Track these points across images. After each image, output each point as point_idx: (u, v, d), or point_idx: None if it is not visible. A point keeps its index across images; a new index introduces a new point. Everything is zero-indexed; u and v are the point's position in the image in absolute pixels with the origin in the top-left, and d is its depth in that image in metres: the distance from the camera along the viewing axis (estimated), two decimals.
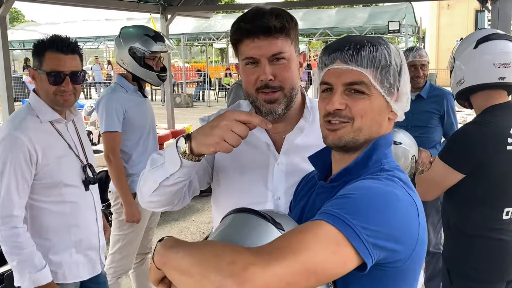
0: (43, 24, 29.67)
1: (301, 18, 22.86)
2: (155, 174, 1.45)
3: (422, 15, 26.46)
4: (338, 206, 1.08)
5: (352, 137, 1.24)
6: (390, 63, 1.24)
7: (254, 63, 1.54)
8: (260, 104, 1.57)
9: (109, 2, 8.74)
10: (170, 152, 1.41)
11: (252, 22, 1.51)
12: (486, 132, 2.22)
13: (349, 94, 1.23)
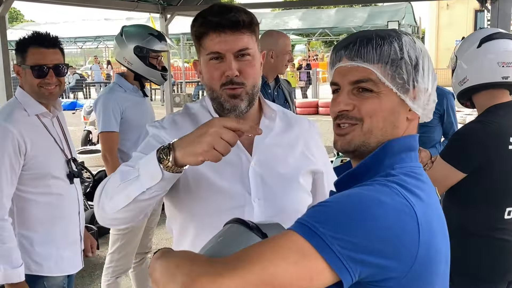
0: (43, 24, 29.65)
1: (301, 18, 22.87)
2: (128, 188, 1.32)
3: (421, 15, 26.48)
4: (310, 214, 0.98)
5: (363, 141, 1.13)
6: (401, 57, 1.12)
7: (218, 58, 1.49)
8: (225, 100, 1.52)
9: (108, 2, 8.73)
10: (147, 163, 1.30)
11: (221, 16, 1.46)
12: (488, 131, 2.21)
13: (356, 93, 1.14)
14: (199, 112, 1.63)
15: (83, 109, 10.85)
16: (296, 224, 0.97)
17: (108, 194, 1.37)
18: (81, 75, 23.98)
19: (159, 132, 1.57)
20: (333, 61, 1.19)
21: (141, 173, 1.30)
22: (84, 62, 35.11)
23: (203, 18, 1.50)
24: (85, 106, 10.87)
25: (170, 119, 1.62)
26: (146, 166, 1.30)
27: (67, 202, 2.60)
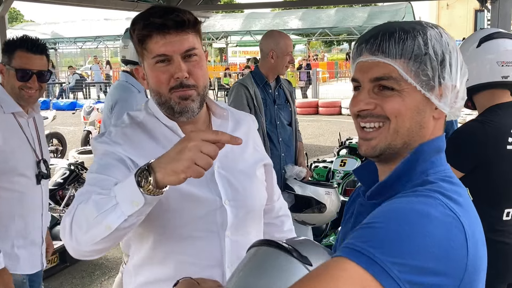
0: (42, 24, 29.68)
1: (300, 18, 22.87)
2: (107, 218, 1.21)
3: (421, 14, 26.50)
4: (361, 238, 0.90)
5: (388, 143, 1.06)
6: (426, 52, 1.04)
7: (165, 61, 1.44)
8: (174, 103, 1.46)
9: (108, 2, 8.73)
10: (125, 189, 1.21)
11: (164, 16, 1.41)
12: (486, 131, 2.19)
13: (377, 92, 1.06)
14: (147, 121, 1.55)
15: (83, 109, 10.83)
16: (347, 250, 0.89)
17: (82, 227, 1.26)
18: (80, 75, 23.96)
19: (114, 148, 1.46)
20: (354, 56, 1.11)
21: (119, 201, 1.21)
22: (83, 62, 35.10)
23: (145, 20, 1.43)
24: (85, 106, 10.86)
25: (119, 133, 1.51)
26: (125, 192, 1.21)
27: (29, 202, 2.60)
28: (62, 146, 9.94)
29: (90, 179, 1.41)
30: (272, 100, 3.68)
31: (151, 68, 1.46)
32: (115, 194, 1.22)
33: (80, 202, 1.29)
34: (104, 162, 1.44)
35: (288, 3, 12.85)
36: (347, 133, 10.03)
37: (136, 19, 1.46)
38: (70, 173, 6.21)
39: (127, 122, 1.55)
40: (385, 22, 1.17)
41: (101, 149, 1.48)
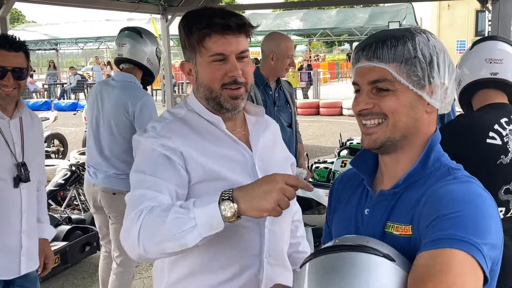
0: (44, 25, 29.69)
1: (302, 19, 22.87)
2: (185, 238, 1.30)
3: (422, 15, 26.45)
4: (455, 228, 1.03)
5: (388, 137, 1.21)
6: (415, 56, 1.18)
7: (221, 60, 1.53)
8: (225, 100, 1.56)
9: (109, 3, 8.73)
10: (207, 214, 1.30)
11: (226, 17, 1.51)
12: (467, 122, 2.24)
13: (375, 93, 1.20)
14: (189, 117, 1.62)
15: (84, 110, 10.84)
16: (462, 243, 1.01)
17: (153, 238, 1.33)
18: (82, 76, 23.99)
19: (163, 141, 1.52)
20: (353, 62, 1.26)
21: (198, 223, 1.30)
22: (85, 63, 35.14)
23: (209, 19, 1.51)
24: (86, 107, 10.86)
25: (165, 127, 1.57)
26: (205, 217, 1.30)
27: (5, 205, 2.52)
28: (63, 147, 9.95)
29: (142, 181, 1.46)
30: (272, 102, 3.68)
31: (206, 65, 1.55)
32: (195, 216, 1.30)
33: (142, 211, 1.36)
34: (153, 162, 1.49)
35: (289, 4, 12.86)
36: (348, 133, 10.04)
37: (198, 18, 1.54)
38: (71, 174, 6.22)
39: (170, 118, 1.62)
40: (380, 30, 1.32)
41: (148, 144, 1.52)
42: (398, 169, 1.25)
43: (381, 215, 1.22)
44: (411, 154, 1.23)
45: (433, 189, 1.15)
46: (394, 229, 1.19)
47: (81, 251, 5.10)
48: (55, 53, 32.07)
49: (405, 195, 1.21)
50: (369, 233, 1.21)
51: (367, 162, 1.34)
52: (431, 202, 1.12)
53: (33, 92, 22.50)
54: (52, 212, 5.79)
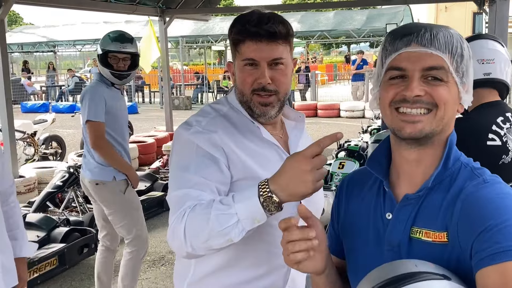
0: (42, 27, 29.63)
1: (299, 21, 22.88)
2: (230, 234, 1.33)
3: (420, 17, 26.53)
4: (507, 240, 1.03)
5: (433, 129, 1.15)
6: (463, 51, 1.16)
7: (253, 65, 1.55)
8: (254, 106, 1.59)
9: (107, 5, 8.74)
10: (249, 209, 1.32)
11: (259, 26, 1.52)
12: (464, 126, 2.22)
13: (426, 81, 1.14)
14: (231, 114, 1.64)
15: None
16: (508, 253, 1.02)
17: (200, 237, 1.37)
18: (80, 78, 23.97)
19: (210, 136, 1.54)
20: (397, 47, 1.16)
21: (241, 218, 1.32)
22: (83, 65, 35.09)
23: (241, 25, 1.54)
24: None
25: (211, 122, 1.59)
26: (247, 212, 1.32)
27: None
28: (61, 149, 9.94)
29: (185, 179, 1.49)
30: None
31: (240, 69, 1.58)
32: (236, 211, 1.33)
33: (186, 210, 1.39)
34: (197, 160, 1.51)
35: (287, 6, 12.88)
36: (346, 135, 10.04)
37: (235, 21, 1.58)
38: (69, 176, 6.22)
39: (214, 114, 1.64)
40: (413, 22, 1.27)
41: (194, 140, 1.53)
42: (418, 169, 1.20)
43: (406, 219, 1.17)
44: (435, 152, 1.19)
45: (467, 194, 1.11)
46: (422, 235, 1.14)
47: (79, 253, 5.10)
48: (53, 55, 32.04)
49: (429, 198, 1.16)
50: (394, 238, 1.18)
51: (382, 163, 1.27)
52: (472, 210, 1.09)
53: (31, 94, 22.47)
54: (50, 214, 5.79)
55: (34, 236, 4.96)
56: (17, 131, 8.25)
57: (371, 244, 1.23)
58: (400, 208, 1.19)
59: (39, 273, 4.62)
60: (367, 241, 1.25)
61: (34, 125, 9.63)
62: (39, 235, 4.99)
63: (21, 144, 8.92)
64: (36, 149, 9.28)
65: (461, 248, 1.08)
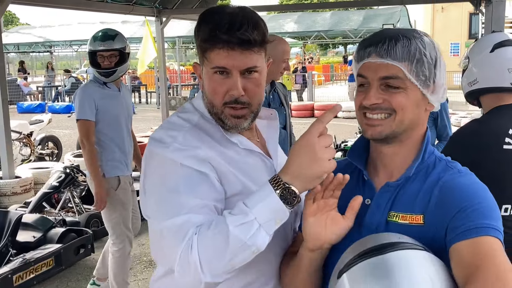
0: (38, 27, 29.59)
1: (296, 21, 22.91)
2: (256, 243, 1.21)
3: (416, 18, 26.53)
4: (488, 217, 1.18)
5: (393, 130, 1.27)
6: (425, 56, 1.25)
7: (224, 73, 1.38)
8: (226, 118, 1.42)
9: (104, 5, 8.73)
10: (268, 209, 1.22)
11: (230, 33, 1.33)
12: (482, 129, 2.28)
13: (384, 88, 1.26)
14: (203, 125, 1.46)
15: None
16: (489, 230, 1.16)
17: (221, 258, 1.22)
18: (76, 78, 23.91)
19: (194, 152, 1.36)
20: (361, 57, 1.30)
21: (261, 222, 1.21)
22: (79, 65, 35.04)
23: (211, 31, 1.35)
24: None
25: (189, 136, 1.39)
26: (268, 213, 1.22)
27: None
28: (57, 149, 9.92)
29: (179, 204, 1.30)
30: (267, 104, 3.68)
31: (209, 77, 1.41)
32: (255, 216, 1.21)
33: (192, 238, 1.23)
34: (186, 180, 1.32)
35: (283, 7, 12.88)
36: (343, 136, 10.05)
37: (202, 24, 1.39)
38: (66, 176, 6.20)
39: (187, 126, 1.44)
40: (385, 28, 1.37)
41: (175, 159, 1.34)
42: (395, 161, 1.33)
43: (384, 205, 1.30)
44: (409, 148, 1.32)
45: (444, 181, 1.26)
46: (399, 218, 1.27)
47: (75, 254, 5.09)
48: (49, 55, 31.98)
49: (406, 186, 1.29)
50: (374, 222, 1.29)
51: (361, 154, 1.39)
52: (449, 194, 1.23)
53: (27, 94, 22.42)
54: (46, 215, 5.77)
55: (30, 236, 4.96)
56: (13, 131, 8.23)
57: (352, 228, 1.31)
58: (379, 194, 1.32)
59: (35, 274, 4.60)
60: None
61: (30, 126, 9.60)
62: (35, 235, 4.98)
63: (17, 145, 8.90)
64: (32, 149, 9.26)
65: (437, 229, 1.21)
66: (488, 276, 1.08)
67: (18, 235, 4.84)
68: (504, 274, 1.08)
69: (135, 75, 23.03)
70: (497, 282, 1.06)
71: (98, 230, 5.64)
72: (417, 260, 1.10)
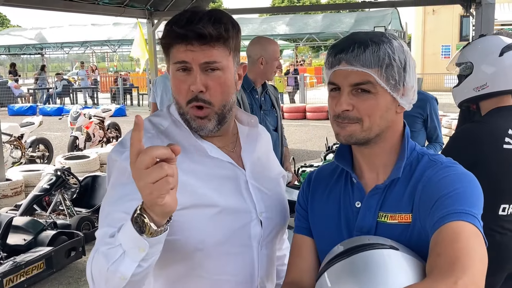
0: (29, 29, 29.44)
1: (288, 23, 22.95)
2: (119, 269, 1.12)
3: (407, 20, 26.67)
4: (458, 203, 1.16)
5: (363, 136, 1.28)
6: (394, 61, 1.25)
7: (186, 70, 1.35)
8: (191, 118, 1.38)
9: (95, 7, 8.71)
10: (127, 237, 1.11)
11: (186, 27, 1.31)
12: (482, 129, 2.31)
13: (356, 94, 1.26)
14: (172, 131, 1.43)
15: (69, 115, 10.75)
16: (464, 215, 1.14)
17: (100, 281, 1.17)
18: (68, 81, 23.83)
19: None
20: (332, 64, 1.29)
21: (125, 249, 1.12)
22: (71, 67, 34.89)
23: (169, 27, 1.35)
24: (72, 112, 10.76)
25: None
26: (128, 240, 1.11)
27: None
28: (48, 152, 9.87)
29: (107, 214, 1.27)
30: (259, 106, 3.71)
31: (173, 75, 1.38)
32: (120, 242, 1.13)
33: (96, 251, 1.19)
34: (126, 191, 1.26)
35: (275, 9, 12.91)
36: (334, 138, 10.08)
37: (165, 24, 1.40)
38: (57, 179, 6.18)
39: (152, 132, 1.40)
40: (353, 32, 1.36)
41: (124, 165, 1.25)
42: (378, 161, 1.34)
43: (374, 206, 1.31)
44: (388, 148, 1.33)
45: (427, 176, 1.26)
46: (388, 218, 1.28)
47: (66, 256, 5.07)
48: (40, 57, 31.84)
49: (393, 186, 1.31)
50: (364, 224, 1.31)
51: (346, 158, 1.40)
52: (429, 188, 1.23)
53: (18, 97, 22.30)
54: (37, 217, 5.74)
55: (21, 239, 4.93)
56: (4, 134, 8.19)
57: (342, 230, 1.35)
58: (369, 197, 1.33)
59: (26, 277, 4.58)
60: (339, 228, 1.36)
61: (21, 128, 9.55)
62: (26, 238, 4.95)
63: (8, 147, 8.85)
64: (23, 152, 9.21)
65: (421, 224, 1.22)
66: (443, 264, 1.06)
67: (9, 238, 4.82)
68: (458, 260, 1.05)
69: (126, 77, 22.97)
70: (450, 272, 1.03)
71: (89, 233, 5.61)
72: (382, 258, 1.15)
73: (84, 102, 22.04)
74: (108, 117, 11.58)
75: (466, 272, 1.03)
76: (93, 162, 8.52)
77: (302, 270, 1.42)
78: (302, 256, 1.44)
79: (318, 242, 1.43)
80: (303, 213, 1.48)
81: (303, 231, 1.46)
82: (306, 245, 1.44)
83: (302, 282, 1.40)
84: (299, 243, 1.46)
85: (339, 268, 1.18)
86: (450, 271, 1.04)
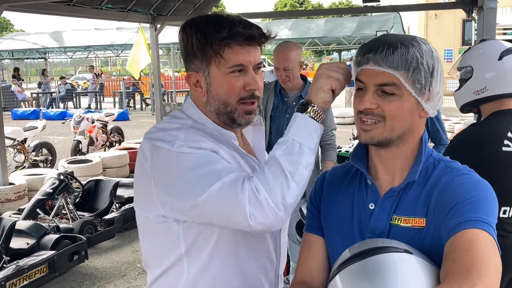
0: (32, 34, 29.53)
1: (290, 28, 22.96)
2: (303, 159, 1.33)
3: (410, 24, 26.69)
4: (474, 211, 1.18)
5: (385, 136, 1.30)
6: (421, 65, 1.26)
7: (241, 71, 1.44)
8: (239, 115, 1.47)
9: (98, 12, 8.73)
10: (302, 129, 1.35)
11: (249, 28, 1.43)
12: (482, 132, 2.33)
13: (380, 94, 1.28)
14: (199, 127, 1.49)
15: (72, 119, 10.77)
16: (481, 223, 1.16)
17: (283, 186, 1.30)
18: (71, 85, 23.88)
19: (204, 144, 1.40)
20: (360, 62, 1.32)
21: (300, 141, 1.34)
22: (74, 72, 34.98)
23: (230, 29, 1.41)
24: (75, 116, 10.78)
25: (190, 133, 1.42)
26: (302, 131, 1.35)
27: None
28: (51, 156, 9.89)
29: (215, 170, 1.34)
30: (284, 109, 3.68)
31: (223, 77, 1.45)
32: (293, 138, 1.34)
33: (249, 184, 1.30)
34: (202, 159, 1.36)
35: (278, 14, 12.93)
36: (337, 141, 10.10)
37: (208, 24, 1.43)
38: (60, 183, 6.19)
39: (184, 127, 1.45)
40: (385, 34, 1.41)
41: (182, 150, 1.36)
42: (396, 164, 1.35)
43: (389, 209, 1.32)
44: (406, 151, 1.34)
45: (443, 182, 1.28)
46: (401, 222, 1.29)
47: (69, 260, 5.08)
48: (43, 62, 31.93)
49: (408, 189, 1.32)
50: (377, 226, 1.32)
51: (362, 159, 1.41)
52: (446, 194, 1.25)
53: (22, 101, 22.35)
54: (40, 221, 5.76)
55: (24, 243, 4.94)
56: (7, 138, 8.21)
57: (355, 232, 1.36)
58: (384, 199, 1.34)
59: (29, 281, 4.59)
60: (351, 229, 1.37)
61: (24, 132, 9.58)
62: (29, 242, 4.96)
63: (11, 151, 8.87)
64: (26, 156, 9.23)
65: (435, 229, 1.24)
66: (458, 270, 1.08)
67: (12, 242, 4.83)
68: (474, 268, 1.07)
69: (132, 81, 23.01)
70: (465, 278, 1.05)
71: (92, 237, 5.62)
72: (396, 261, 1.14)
73: (88, 106, 22.06)
74: (111, 121, 11.63)
75: (481, 280, 1.05)
76: (96, 166, 8.54)
77: (313, 269, 1.43)
78: (313, 255, 1.45)
79: (329, 242, 1.44)
80: (315, 213, 1.49)
81: (315, 231, 1.47)
82: (317, 244, 1.45)
83: (313, 282, 1.41)
84: (310, 242, 1.47)
85: (352, 270, 1.18)
86: (466, 278, 1.05)
